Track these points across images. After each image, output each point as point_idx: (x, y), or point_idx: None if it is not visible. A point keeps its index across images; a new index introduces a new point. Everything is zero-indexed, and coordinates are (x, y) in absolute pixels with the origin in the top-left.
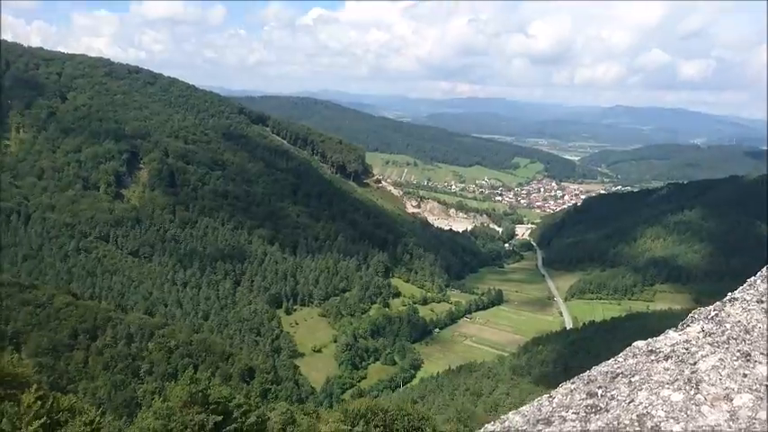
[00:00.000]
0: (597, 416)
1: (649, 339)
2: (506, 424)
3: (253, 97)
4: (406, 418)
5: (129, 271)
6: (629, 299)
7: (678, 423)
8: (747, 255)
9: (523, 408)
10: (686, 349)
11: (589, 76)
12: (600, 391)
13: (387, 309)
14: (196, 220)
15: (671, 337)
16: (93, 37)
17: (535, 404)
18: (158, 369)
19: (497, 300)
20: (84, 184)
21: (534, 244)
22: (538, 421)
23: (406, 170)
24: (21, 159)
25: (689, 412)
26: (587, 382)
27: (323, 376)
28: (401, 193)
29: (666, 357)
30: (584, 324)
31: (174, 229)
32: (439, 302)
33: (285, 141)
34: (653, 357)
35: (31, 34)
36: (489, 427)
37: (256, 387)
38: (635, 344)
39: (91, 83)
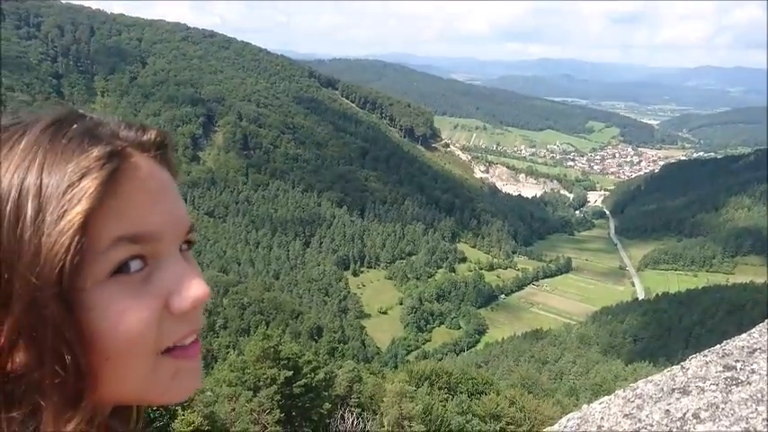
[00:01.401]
0: (739, 388)
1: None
2: (638, 391)
3: (322, 60)
4: (470, 381)
5: (206, 230)
6: (708, 271)
7: None
8: None
9: (654, 377)
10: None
11: (672, 35)
12: (738, 365)
13: (453, 273)
14: (268, 183)
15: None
16: (171, 2)
17: (667, 374)
18: (232, 324)
19: (566, 268)
20: None
21: (607, 211)
22: (673, 390)
23: (474, 134)
24: None
25: None
26: (722, 356)
27: (388, 337)
28: (470, 157)
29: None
30: (656, 295)
31: (246, 191)
32: (506, 269)
33: (354, 105)
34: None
35: (113, 1)
36: (620, 392)
37: (324, 345)
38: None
39: (169, 47)
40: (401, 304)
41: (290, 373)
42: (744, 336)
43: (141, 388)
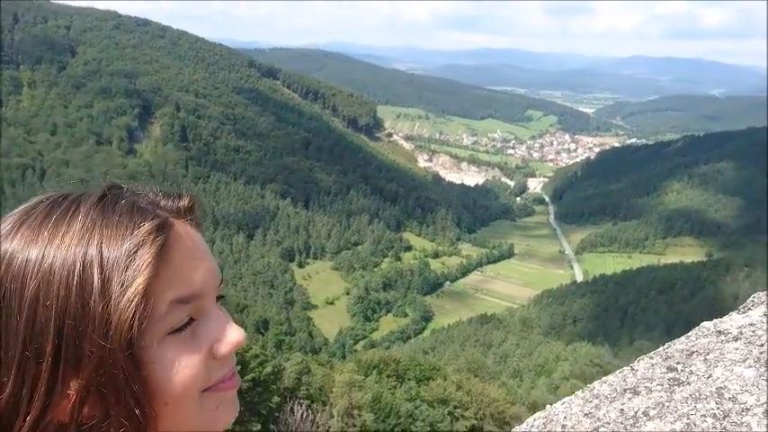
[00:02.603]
0: (680, 388)
1: (715, 320)
2: (595, 392)
3: (263, 50)
4: (417, 368)
5: None
6: (641, 252)
7: (752, 395)
8: (762, 208)
9: (608, 378)
10: (752, 332)
11: (607, 25)
12: (679, 367)
13: (398, 262)
14: (208, 175)
15: (735, 319)
16: None
17: (619, 375)
18: None
19: (508, 253)
20: (98, 139)
21: (546, 198)
22: (625, 390)
23: (417, 123)
24: (34, 115)
25: (760, 386)
26: (666, 358)
27: (336, 328)
28: (413, 146)
29: (735, 338)
30: (594, 277)
31: (186, 184)
32: (450, 256)
33: (296, 95)
34: (722, 338)
35: None
36: (579, 393)
37: (271, 338)
38: (703, 324)
39: (100, 36)
40: (348, 294)
41: (238, 367)
42: (683, 339)
43: (192, 424)
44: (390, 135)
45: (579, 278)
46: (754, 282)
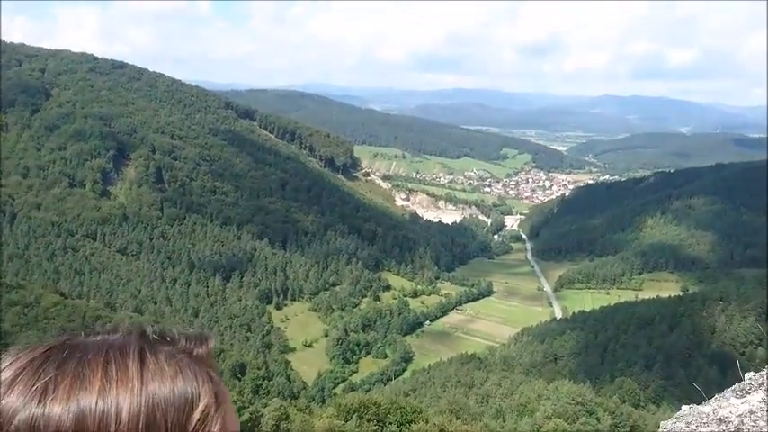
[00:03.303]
0: None
1: (714, 405)
2: None
3: (239, 91)
4: (398, 411)
5: (118, 269)
6: (618, 288)
7: None
8: (735, 242)
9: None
10: (753, 422)
11: (578, 65)
12: None
13: (377, 302)
14: (184, 217)
15: (734, 404)
16: (77, 32)
17: None
18: None
19: (487, 291)
20: (70, 181)
21: (523, 235)
22: None
23: (394, 163)
24: (5, 158)
25: None
26: None
27: (314, 371)
28: (390, 185)
29: (738, 430)
30: (573, 314)
31: (162, 226)
32: (429, 295)
33: (273, 136)
34: (723, 428)
35: (14, 31)
36: None
37: (248, 383)
38: (700, 410)
39: (75, 79)
40: (326, 336)
41: None
42: (681, 425)
43: None
44: (367, 174)
45: (559, 315)
46: (730, 315)
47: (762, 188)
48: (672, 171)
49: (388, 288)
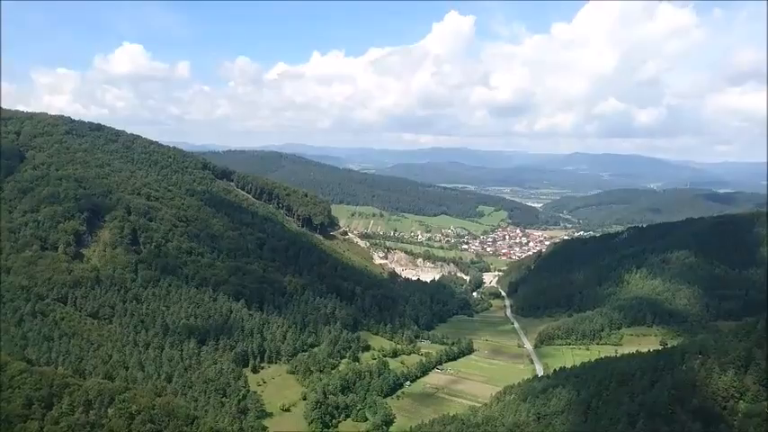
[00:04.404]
0: None
1: None
2: None
3: (217, 152)
4: None
5: (88, 334)
6: (598, 343)
7: None
8: (710, 295)
9: None
10: None
11: (549, 124)
12: None
13: (356, 363)
14: (159, 279)
15: None
16: (54, 95)
17: None
18: None
19: (468, 349)
20: (42, 244)
21: (502, 291)
22: None
23: (372, 221)
24: None
25: None
26: None
27: None
28: (368, 244)
29: None
30: (554, 371)
31: (136, 289)
32: (409, 354)
33: (250, 196)
34: None
35: None
36: None
37: None
38: None
39: (50, 141)
40: (305, 399)
41: None
42: None
43: None
44: (345, 233)
45: (540, 372)
46: (710, 369)
47: (732, 242)
48: (645, 226)
49: (367, 348)
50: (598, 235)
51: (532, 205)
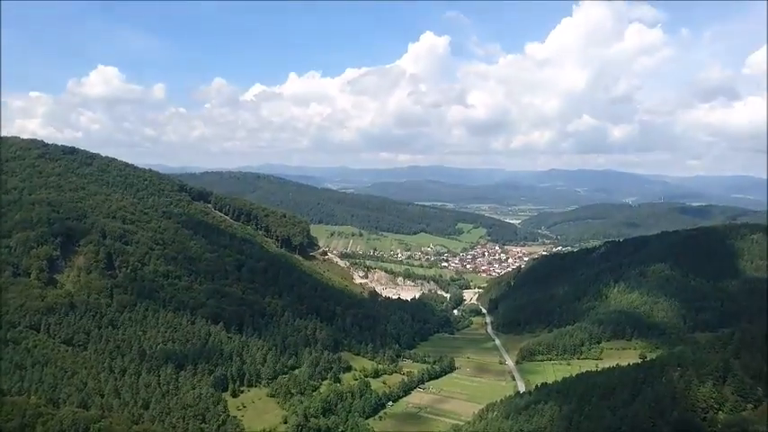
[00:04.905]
0: None
1: None
2: None
3: (194, 174)
4: None
5: (62, 361)
6: (578, 358)
7: None
8: (686, 307)
9: None
10: None
11: (525, 141)
12: None
13: (338, 384)
14: (135, 303)
15: None
16: (27, 119)
17: None
18: None
19: (449, 367)
20: (15, 270)
21: (483, 308)
22: None
23: (351, 241)
24: None
25: None
26: None
27: None
28: (348, 264)
29: None
30: (536, 387)
31: (111, 314)
32: (391, 374)
33: (228, 217)
34: None
35: None
36: None
37: None
38: None
39: (23, 165)
40: (286, 423)
41: None
42: None
43: None
44: (325, 253)
45: (522, 389)
46: (688, 381)
47: (706, 254)
48: (621, 240)
49: (348, 369)
50: (576, 250)
51: (511, 222)
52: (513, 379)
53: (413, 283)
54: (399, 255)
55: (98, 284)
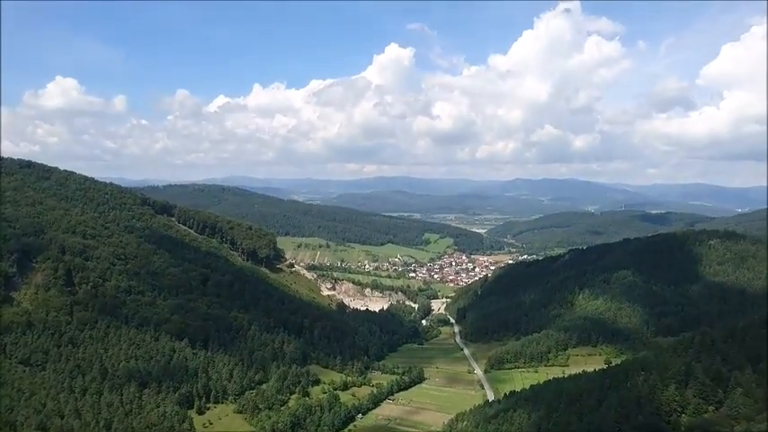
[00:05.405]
0: None
1: None
2: None
3: (157, 187)
4: None
5: (20, 382)
6: (546, 365)
7: None
8: (649, 312)
9: None
10: None
11: (490, 152)
12: None
13: (307, 398)
14: (96, 320)
15: None
16: None
17: None
18: None
19: (418, 378)
20: None
21: (451, 318)
22: None
23: (318, 252)
24: None
25: None
26: None
27: None
28: (315, 276)
29: None
30: (505, 395)
31: (71, 332)
32: (360, 386)
33: (192, 231)
34: None
35: None
36: None
37: None
38: None
39: None
40: None
41: None
42: None
43: None
44: (292, 266)
45: (491, 397)
46: (652, 385)
47: (666, 259)
48: (585, 248)
49: (317, 382)
50: (541, 258)
51: (477, 231)
52: (482, 388)
53: (381, 294)
54: (367, 266)
55: (57, 302)
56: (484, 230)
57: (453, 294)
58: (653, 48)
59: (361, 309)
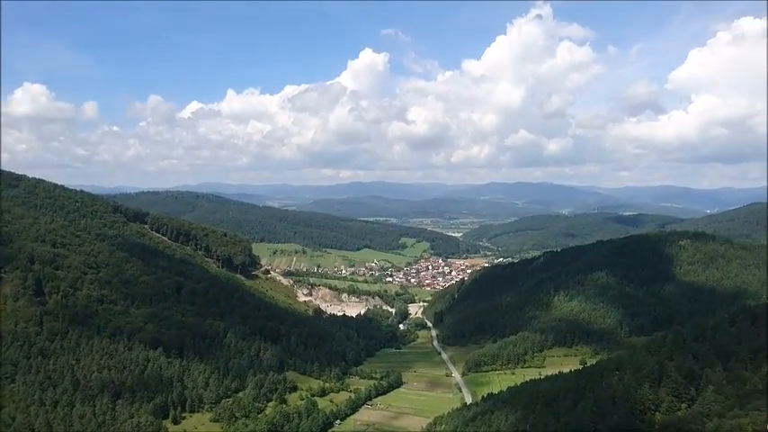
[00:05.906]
0: None
1: None
2: None
3: (129, 194)
4: None
5: None
6: (523, 367)
7: None
8: (623, 313)
9: None
10: None
11: (465, 156)
12: None
13: (284, 405)
14: (67, 331)
15: None
16: None
17: None
18: None
19: (396, 383)
20: None
21: (428, 322)
22: None
23: (294, 258)
24: None
25: None
26: None
27: None
28: (291, 282)
29: None
30: (482, 398)
31: (41, 343)
32: (338, 392)
33: (166, 238)
34: None
35: None
36: None
37: None
38: None
39: None
40: None
41: None
42: None
43: None
44: (268, 272)
45: (469, 400)
46: (627, 384)
47: (639, 260)
48: (560, 250)
49: (294, 389)
50: (517, 261)
51: (453, 235)
52: (461, 391)
53: (358, 299)
54: (343, 271)
55: (26, 312)
56: (460, 234)
57: (430, 298)
58: (623, 53)
59: (339, 314)
